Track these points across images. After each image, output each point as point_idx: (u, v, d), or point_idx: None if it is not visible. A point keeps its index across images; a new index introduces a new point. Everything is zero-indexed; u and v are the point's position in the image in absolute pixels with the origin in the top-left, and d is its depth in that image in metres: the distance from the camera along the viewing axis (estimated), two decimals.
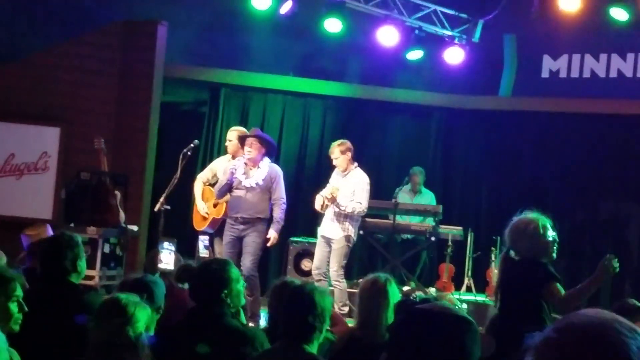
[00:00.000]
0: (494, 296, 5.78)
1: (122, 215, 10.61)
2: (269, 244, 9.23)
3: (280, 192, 9.26)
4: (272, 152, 9.38)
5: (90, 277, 9.95)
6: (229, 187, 9.32)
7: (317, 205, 9.59)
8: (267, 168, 9.22)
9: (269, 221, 9.25)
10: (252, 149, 9.19)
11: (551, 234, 5.55)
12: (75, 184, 10.58)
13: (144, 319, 3.83)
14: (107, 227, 10.42)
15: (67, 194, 10.59)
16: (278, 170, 9.31)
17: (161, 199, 9.44)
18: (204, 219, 9.79)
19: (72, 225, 10.22)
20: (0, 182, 11.30)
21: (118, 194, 10.67)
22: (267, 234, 9.20)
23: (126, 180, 10.96)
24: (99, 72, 11.58)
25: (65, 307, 4.79)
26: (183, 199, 9.96)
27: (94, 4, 11.62)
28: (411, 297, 4.97)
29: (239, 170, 9.26)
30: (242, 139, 9.49)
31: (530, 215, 5.57)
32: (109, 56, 11.56)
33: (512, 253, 5.62)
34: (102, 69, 11.57)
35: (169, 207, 9.48)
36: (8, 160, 11.31)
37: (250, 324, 6.53)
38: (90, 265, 9.87)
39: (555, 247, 5.57)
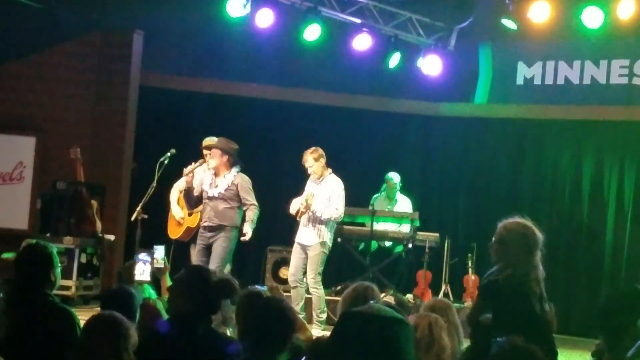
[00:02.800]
0: None
1: (98, 225, 10.60)
2: (242, 239, 9.17)
3: (250, 198, 9.24)
4: (236, 159, 9.30)
5: (67, 287, 9.93)
6: (189, 197, 9.33)
7: (292, 210, 9.60)
8: (232, 177, 9.21)
9: (236, 228, 9.22)
10: (213, 158, 9.20)
11: None
12: (51, 194, 10.55)
13: (134, 335, 3.83)
14: (84, 237, 10.40)
15: (42, 204, 10.56)
16: (243, 178, 9.24)
17: (138, 208, 9.41)
18: (179, 225, 9.77)
19: (48, 235, 10.19)
20: None
21: (94, 203, 10.65)
22: (236, 240, 9.18)
23: (103, 189, 10.94)
24: (75, 82, 11.56)
25: (38, 317, 4.76)
26: (160, 208, 9.93)
27: (70, 14, 11.57)
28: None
29: (207, 180, 9.27)
30: (207, 149, 9.54)
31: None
32: (85, 65, 11.55)
33: None
34: (78, 79, 11.55)
35: (146, 216, 9.44)
36: None
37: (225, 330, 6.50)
38: (67, 275, 9.85)
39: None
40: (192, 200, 9.35)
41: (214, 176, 9.26)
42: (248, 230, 9.19)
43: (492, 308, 5.44)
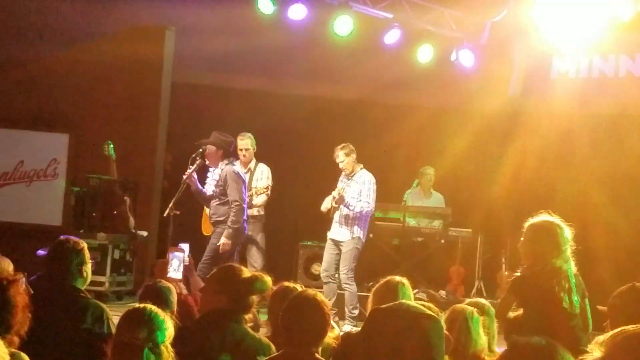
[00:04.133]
0: None
1: (131, 220, 10.63)
2: (220, 251, 8.95)
3: (233, 194, 9.02)
4: (228, 151, 9.23)
5: (101, 283, 9.97)
6: (202, 198, 9.34)
7: (323, 207, 9.59)
8: (219, 172, 9.16)
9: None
10: (208, 156, 9.15)
11: None
12: (84, 190, 10.60)
13: (170, 327, 3.82)
14: (117, 233, 10.44)
15: (76, 200, 10.62)
16: (229, 171, 9.09)
17: (170, 204, 9.43)
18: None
19: (81, 231, 10.25)
20: (10, 188, 11.33)
21: (127, 199, 10.69)
22: (233, 236, 9.09)
23: (135, 186, 10.98)
24: (107, 79, 11.60)
25: (69, 311, 4.78)
26: (192, 204, 9.95)
27: (103, 11, 11.63)
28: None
29: (210, 177, 9.30)
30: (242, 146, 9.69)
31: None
32: (117, 62, 11.58)
33: None
34: (110, 75, 11.59)
35: (178, 212, 9.46)
36: (17, 167, 11.33)
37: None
38: (100, 271, 9.91)
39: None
40: (206, 200, 9.34)
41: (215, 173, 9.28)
42: (222, 239, 8.95)
43: (522, 303, 5.44)
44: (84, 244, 5.05)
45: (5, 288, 3.71)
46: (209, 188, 9.23)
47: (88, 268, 5.00)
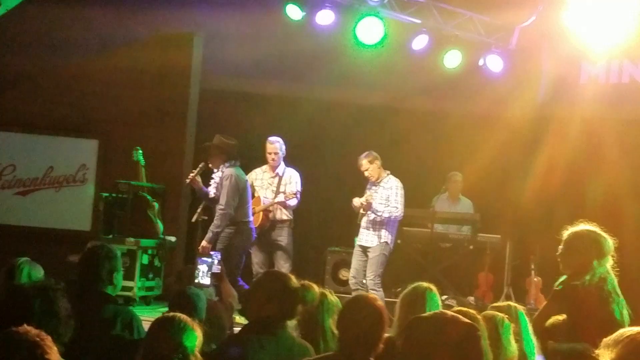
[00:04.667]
0: None
1: (159, 226, 10.66)
2: (200, 250, 8.96)
3: (221, 198, 9.07)
4: (231, 155, 9.27)
5: (129, 288, 10.01)
6: (205, 198, 9.40)
7: (356, 202, 9.55)
8: (219, 175, 9.24)
9: (237, 225, 9.16)
10: (211, 159, 9.19)
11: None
12: (113, 195, 10.65)
13: (199, 335, 3.83)
14: (145, 238, 10.47)
15: (105, 205, 10.67)
16: (225, 175, 9.13)
17: (199, 210, 9.46)
18: None
19: (110, 236, 10.29)
20: (39, 194, 11.41)
21: (156, 205, 10.72)
22: (233, 238, 9.11)
23: (164, 191, 11.02)
24: (136, 85, 11.66)
25: (99, 318, 4.79)
26: None
27: (132, 18, 11.69)
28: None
29: (213, 180, 9.35)
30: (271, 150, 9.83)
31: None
32: (146, 69, 11.64)
33: None
34: (139, 82, 11.66)
35: (206, 218, 9.49)
36: (47, 173, 11.42)
37: None
38: (129, 276, 9.94)
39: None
40: (213, 203, 9.39)
41: None
42: (203, 242, 9.01)
43: (569, 313, 5.38)
44: (117, 252, 5.09)
45: (51, 296, 3.73)
46: (212, 191, 9.33)
47: (120, 276, 5.02)
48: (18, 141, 11.41)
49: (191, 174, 9.31)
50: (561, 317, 5.48)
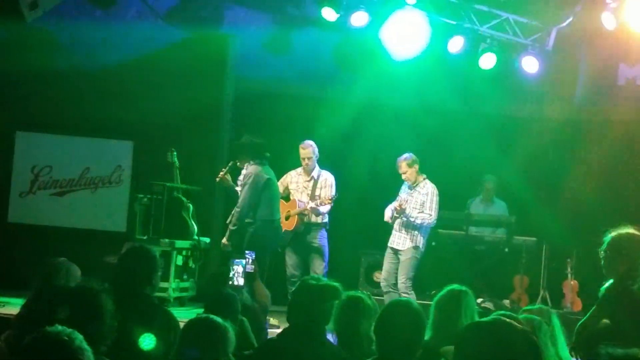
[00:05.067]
0: None
1: (194, 227, 10.69)
2: (222, 248, 9.39)
3: (240, 198, 9.28)
4: (255, 154, 9.35)
5: (164, 289, 10.04)
6: (235, 195, 9.58)
7: (387, 217, 9.58)
8: (243, 174, 9.35)
9: (260, 224, 9.22)
10: (239, 158, 9.40)
11: None
12: (148, 197, 10.70)
13: (232, 337, 3.83)
14: (180, 239, 10.50)
15: (140, 206, 10.72)
16: (247, 173, 9.31)
17: (233, 212, 9.48)
18: None
19: (145, 237, 10.34)
20: (76, 195, 11.49)
21: (190, 206, 10.76)
22: (259, 236, 9.15)
23: (198, 193, 11.05)
24: (171, 86, 11.70)
25: (141, 319, 4.81)
26: None
27: (167, 19, 11.75)
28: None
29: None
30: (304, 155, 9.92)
31: None
32: (181, 70, 11.68)
33: None
34: (174, 83, 11.69)
35: None
36: (83, 174, 11.49)
37: None
38: (164, 277, 9.95)
39: None
40: None
41: None
42: (223, 240, 9.35)
43: (622, 317, 5.31)
44: (155, 253, 5.11)
45: (96, 297, 3.74)
46: (238, 189, 9.39)
47: (157, 276, 5.04)
48: (55, 143, 11.50)
49: (221, 172, 9.41)
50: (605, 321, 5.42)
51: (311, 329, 4.50)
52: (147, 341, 3.61)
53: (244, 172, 9.43)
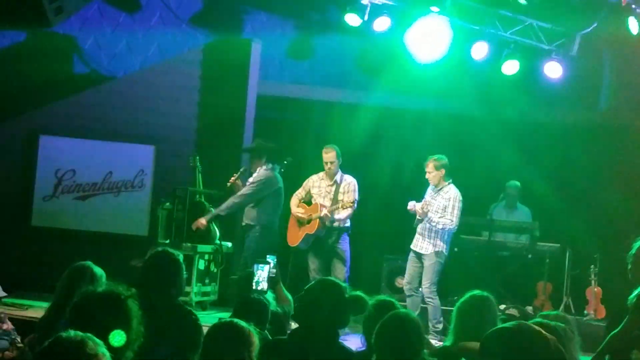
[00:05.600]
0: None
1: (216, 232, 10.70)
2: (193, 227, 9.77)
3: (245, 190, 9.65)
4: (269, 157, 9.46)
5: (186, 293, 10.04)
6: None
7: (410, 206, 9.51)
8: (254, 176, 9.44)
9: (264, 227, 9.41)
10: (252, 162, 9.62)
11: None
12: (170, 201, 10.72)
13: (256, 341, 3.82)
14: (202, 243, 10.51)
15: (162, 211, 10.74)
16: (258, 175, 9.61)
17: (230, 200, 9.54)
18: (298, 232, 9.83)
19: (167, 241, 10.35)
20: (99, 199, 11.53)
21: (212, 211, 10.76)
22: (266, 239, 9.20)
23: (220, 197, 11.05)
24: (194, 90, 11.74)
25: (168, 322, 4.83)
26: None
27: (191, 24, 11.80)
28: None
29: None
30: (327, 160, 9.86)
31: None
32: (204, 74, 11.72)
33: None
34: (197, 87, 11.73)
35: None
36: (106, 178, 11.53)
37: None
38: (186, 281, 9.97)
39: None
40: None
41: None
42: (201, 219, 9.79)
43: None
44: (179, 256, 5.14)
45: (123, 302, 3.74)
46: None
47: (183, 280, 5.08)
48: (78, 147, 11.54)
49: (232, 177, 9.48)
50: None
51: (320, 331, 4.50)
52: (118, 338, 3.58)
53: (255, 175, 9.49)
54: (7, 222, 11.48)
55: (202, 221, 9.64)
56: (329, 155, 9.89)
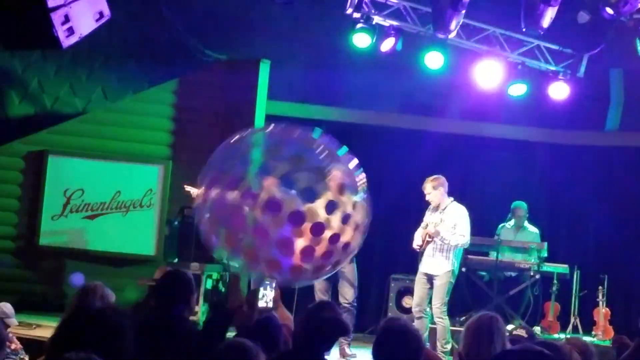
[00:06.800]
0: None
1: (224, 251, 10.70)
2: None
3: None
4: None
5: (193, 313, 10.05)
6: None
7: (416, 245, 9.50)
8: None
9: None
10: None
11: None
12: (178, 220, 10.74)
13: None
14: (210, 263, 10.52)
15: (170, 230, 10.76)
16: None
17: None
18: None
19: (175, 261, 10.37)
20: (107, 218, 11.56)
21: None
22: None
23: None
24: (202, 110, 11.79)
25: (180, 341, 4.86)
26: None
27: (199, 44, 11.85)
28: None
29: None
30: None
31: None
32: (212, 94, 11.77)
33: None
34: (205, 107, 11.78)
35: None
36: (115, 197, 11.57)
37: None
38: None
39: None
40: None
41: None
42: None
43: None
44: (191, 276, 5.19)
45: (114, 317, 3.76)
46: None
47: (194, 299, 5.12)
48: (87, 166, 11.59)
49: None
50: None
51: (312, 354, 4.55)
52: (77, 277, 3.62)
53: None
54: (15, 241, 11.52)
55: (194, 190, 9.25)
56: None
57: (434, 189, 9.41)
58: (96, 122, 11.77)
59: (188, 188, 9.27)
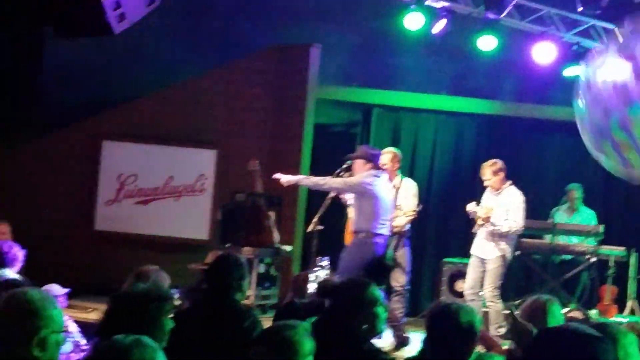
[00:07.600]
0: None
1: (276, 235, 10.74)
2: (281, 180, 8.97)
3: (335, 179, 8.89)
4: (375, 163, 9.05)
5: (246, 297, 10.10)
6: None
7: (470, 207, 9.31)
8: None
9: (370, 235, 8.81)
10: (355, 169, 8.99)
11: None
12: (231, 205, 10.79)
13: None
14: (262, 247, 10.56)
15: (223, 215, 10.81)
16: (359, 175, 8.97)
17: (315, 220, 9.45)
18: None
19: (228, 245, 10.42)
20: (160, 203, 11.66)
21: (272, 215, 10.80)
22: (353, 251, 8.90)
23: (280, 201, 11.09)
24: (253, 95, 11.82)
25: (233, 324, 4.87)
26: (336, 220, 9.95)
27: (251, 29, 11.87)
28: None
29: None
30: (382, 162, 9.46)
31: None
32: (263, 79, 11.79)
33: None
34: (256, 92, 11.80)
35: (322, 228, 9.48)
36: (167, 182, 11.65)
37: None
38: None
39: None
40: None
41: None
42: (285, 177, 8.96)
43: None
44: (243, 260, 5.21)
45: (154, 307, 3.79)
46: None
47: (246, 283, 5.15)
48: (140, 151, 11.69)
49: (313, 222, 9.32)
50: None
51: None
52: None
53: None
54: (71, 226, 11.67)
55: (284, 178, 8.97)
56: (382, 158, 9.67)
57: (494, 175, 9.26)
58: (149, 107, 11.87)
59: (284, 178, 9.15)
